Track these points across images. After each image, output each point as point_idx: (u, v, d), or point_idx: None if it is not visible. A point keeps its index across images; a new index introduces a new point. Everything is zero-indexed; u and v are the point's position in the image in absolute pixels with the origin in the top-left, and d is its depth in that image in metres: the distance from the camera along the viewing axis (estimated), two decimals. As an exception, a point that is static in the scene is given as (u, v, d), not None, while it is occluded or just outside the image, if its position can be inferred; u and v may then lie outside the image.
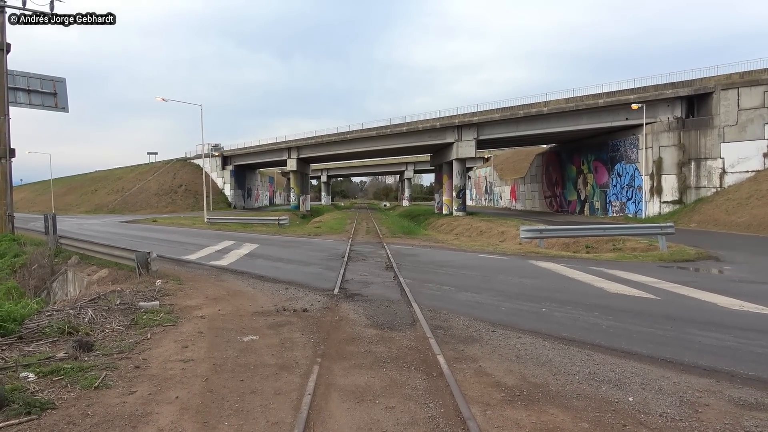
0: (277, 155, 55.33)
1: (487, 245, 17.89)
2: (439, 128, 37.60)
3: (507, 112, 33.83)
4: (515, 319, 7.04)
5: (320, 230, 26.12)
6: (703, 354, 5.45)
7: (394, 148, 43.96)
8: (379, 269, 11.90)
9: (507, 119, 33.81)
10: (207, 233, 23.98)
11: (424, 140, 39.44)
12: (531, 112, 32.60)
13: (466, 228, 26.85)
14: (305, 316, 7.23)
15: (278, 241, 20.06)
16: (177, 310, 7.58)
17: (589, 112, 30.92)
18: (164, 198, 59.80)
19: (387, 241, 19.60)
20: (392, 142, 42.09)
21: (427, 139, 39.11)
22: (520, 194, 52.01)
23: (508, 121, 34.05)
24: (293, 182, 56.03)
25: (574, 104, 31.01)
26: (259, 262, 13.36)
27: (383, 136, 42.39)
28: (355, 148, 46.09)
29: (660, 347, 5.69)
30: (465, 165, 38.49)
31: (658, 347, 5.69)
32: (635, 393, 4.46)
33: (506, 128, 34.45)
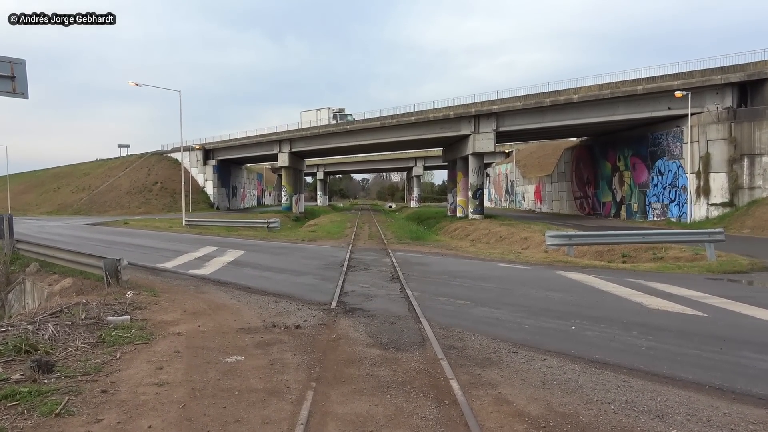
0: (267, 149, 55.54)
1: (508, 253, 17.84)
2: (453, 118, 37.62)
3: (531, 100, 33.81)
4: (540, 338, 7.01)
5: (316, 235, 26.15)
6: (758, 381, 5.40)
7: (401, 141, 44.01)
8: (384, 280, 11.89)
9: (531, 108, 33.79)
10: (186, 238, 24.05)
11: (435, 132, 39.46)
12: (559, 100, 32.55)
13: (484, 233, 26.81)
14: (298, 334, 7.22)
15: (267, 247, 20.09)
16: (151, 325, 7.59)
17: (626, 100, 30.83)
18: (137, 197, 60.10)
19: (392, 247, 19.60)
20: (399, 134, 42.14)
21: (438, 130, 39.14)
22: (545, 195, 51.91)
23: (532, 111, 34.03)
24: (285, 180, 56.22)
25: (608, 91, 30.93)
26: (246, 271, 13.39)
27: (389, 127, 42.45)
28: (357, 141, 46.19)
29: (708, 372, 5.65)
30: (483, 161, 38.47)
31: (706, 372, 5.65)
32: (679, 425, 4.42)
33: (530, 118, 34.42)
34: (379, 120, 43.32)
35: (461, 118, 37.20)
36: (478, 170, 37.51)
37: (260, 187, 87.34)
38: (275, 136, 53.90)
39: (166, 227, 31.16)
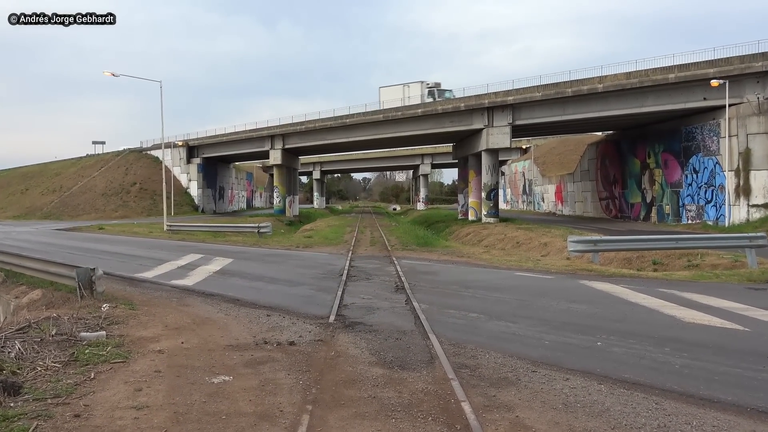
0: (258, 145, 55.69)
1: (526, 260, 17.83)
2: (464, 111, 37.66)
3: (551, 89, 33.81)
4: (562, 355, 7.01)
5: (312, 241, 26.17)
6: (807, 403, 5.37)
7: (407, 137, 44.05)
8: (387, 291, 11.90)
9: (551, 99, 33.78)
10: (167, 244, 24.12)
11: (444, 126, 39.51)
12: (582, 90, 32.54)
13: (499, 238, 26.80)
14: (292, 351, 7.22)
15: (258, 254, 20.12)
16: (128, 342, 7.60)
17: (657, 89, 30.80)
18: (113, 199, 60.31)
19: (397, 254, 19.62)
20: (404, 128, 42.20)
21: (448, 124, 39.18)
22: (567, 195, 51.85)
23: (552, 102, 34.02)
24: (277, 179, 56.37)
25: (637, 80, 30.90)
26: (234, 281, 13.41)
27: (392, 120, 42.52)
28: (357, 136, 46.27)
29: (750, 393, 5.62)
30: (497, 158, 38.49)
31: (748, 393, 5.62)
32: (719, 453, 4.39)
33: (550, 110, 34.42)
34: (381, 113, 43.39)
35: (473, 111, 37.23)
36: (492, 168, 37.52)
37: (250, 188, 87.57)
38: (266, 131, 54.06)
39: (146, 233, 31.24)
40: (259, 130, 55.08)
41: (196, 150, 64.13)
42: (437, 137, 46.80)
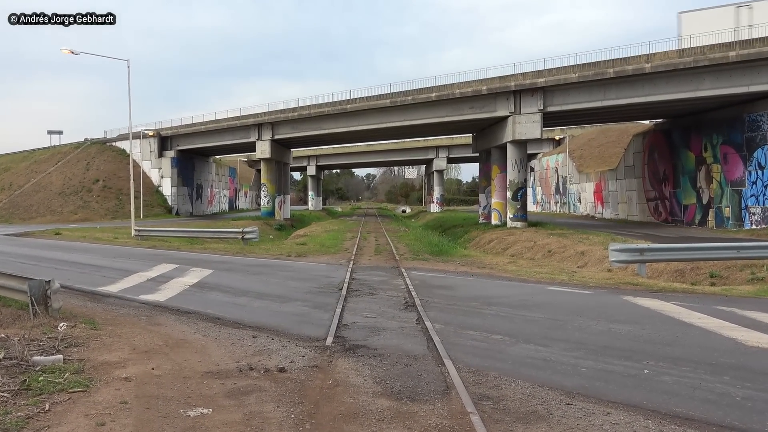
0: (242, 135, 55.88)
1: (560, 272, 17.80)
2: (486, 95, 37.66)
3: (589, 70, 33.75)
4: (602, 385, 6.99)
5: (306, 248, 26.21)
6: None
7: (418, 125, 44.03)
8: (395, 308, 11.92)
9: (589, 81, 33.71)
10: (136, 252, 24.23)
11: (462, 113, 39.52)
12: (626, 71, 32.46)
13: (527, 246, 26.76)
14: (282, 380, 7.23)
15: (242, 264, 20.18)
16: (90, 368, 7.63)
17: (715, 70, 30.68)
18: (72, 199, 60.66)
19: (406, 265, 19.64)
20: (415, 115, 42.22)
21: (467, 111, 39.19)
22: (609, 195, 51.72)
23: (591, 85, 33.95)
24: (265, 176, 56.52)
25: (691, 58, 30.82)
26: (214, 296, 13.46)
27: (401, 106, 42.57)
28: (359, 125, 46.35)
29: (827, 432, 5.58)
30: (525, 150, 38.41)
31: (825, 432, 5.58)
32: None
33: (588, 95, 34.35)
34: (389, 97, 43.43)
35: (497, 95, 37.21)
36: (520, 163, 37.47)
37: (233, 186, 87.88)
38: (253, 119, 54.23)
39: (110, 239, 31.37)
40: (244, 118, 55.28)
41: (169, 141, 64.42)
42: (454, 126, 46.69)
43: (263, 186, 56.91)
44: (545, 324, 10.33)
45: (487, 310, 11.60)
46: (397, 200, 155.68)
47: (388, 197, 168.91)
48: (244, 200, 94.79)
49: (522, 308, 11.81)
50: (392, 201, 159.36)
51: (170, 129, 63.90)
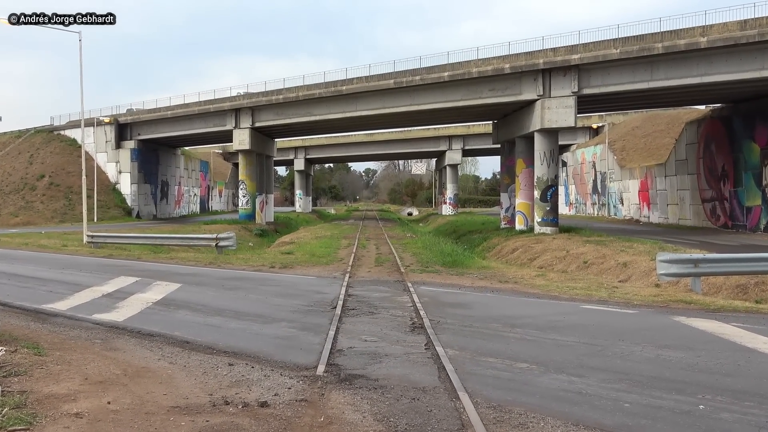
0: (217, 122, 55.96)
1: (597, 288, 17.76)
2: (509, 74, 37.66)
3: (633, 44, 33.72)
4: (648, 424, 6.95)
5: (293, 258, 26.20)
6: None
7: (428, 111, 44.04)
8: (400, 330, 11.91)
9: (633, 58, 33.68)
10: (88, 263, 24.19)
11: (481, 96, 39.52)
12: (677, 46, 32.43)
13: (559, 256, 26.72)
14: (264, 416, 7.21)
15: (216, 277, 20.18)
16: (34, 401, 7.61)
17: (785, 44, 30.65)
18: (13, 199, 60.72)
19: (413, 278, 19.62)
20: (423, 99, 42.23)
21: (486, 93, 39.20)
22: (656, 195, 51.68)
23: (635, 62, 33.91)
24: (244, 171, 56.53)
25: (755, 31, 30.77)
26: (182, 315, 13.44)
27: (407, 88, 42.56)
28: (357, 111, 46.40)
29: None
30: (556, 141, 38.37)
31: None
32: None
33: (632, 74, 34.31)
34: (392, 77, 43.44)
35: (522, 75, 37.20)
36: (549, 156, 37.43)
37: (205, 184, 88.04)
38: (229, 103, 54.29)
39: (58, 246, 31.36)
40: (219, 102, 55.32)
41: (129, 129, 64.50)
42: (471, 112, 46.69)
43: (241, 183, 56.95)
44: (580, 350, 10.30)
45: (510, 333, 11.57)
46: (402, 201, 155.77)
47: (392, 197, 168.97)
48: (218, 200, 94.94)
49: (552, 331, 11.78)
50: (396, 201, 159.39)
51: (130, 115, 64.04)
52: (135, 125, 63.98)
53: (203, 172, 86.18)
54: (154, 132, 62.77)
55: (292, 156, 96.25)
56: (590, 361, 9.54)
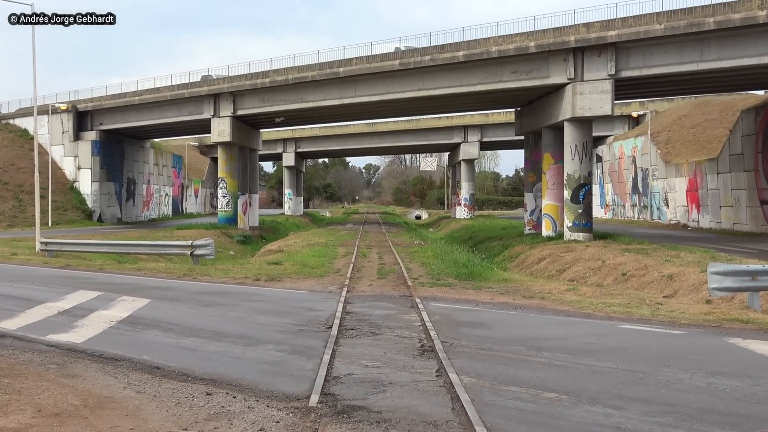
0: (192, 110, 55.99)
1: (638, 304, 17.72)
2: (535, 54, 37.62)
3: (680, 19, 33.67)
4: (699, 465, 6.91)
5: (281, 270, 26.18)
6: None
7: (439, 97, 44.03)
8: (407, 354, 11.89)
9: (681, 35, 33.62)
10: (42, 274, 24.17)
11: (502, 79, 39.46)
12: (731, 21, 32.36)
13: (593, 267, 26.69)
14: (247, 454, 7.18)
15: (192, 291, 20.18)
16: (-22, 437, 7.61)
17: None
18: (-45, 199, 60.69)
19: (423, 293, 19.61)
20: (434, 82, 42.20)
21: (508, 76, 39.13)
22: (707, 195, 51.56)
23: (681, 40, 33.86)
24: (224, 167, 56.51)
25: (824, 3, 30.74)
26: (152, 336, 13.44)
27: (415, 70, 42.51)
28: (356, 96, 46.41)
29: None
30: (590, 132, 38.28)
31: None
32: None
33: (678, 54, 34.24)
34: (397, 57, 43.45)
35: (550, 55, 37.17)
36: (582, 150, 37.34)
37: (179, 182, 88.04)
38: (207, 88, 54.30)
39: (7, 255, 31.32)
40: (195, 86, 55.34)
41: (90, 118, 64.45)
42: (490, 98, 46.66)
43: (221, 181, 56.96)
44: (618, 377, 10.27)
45: (536, 358, 11.54)
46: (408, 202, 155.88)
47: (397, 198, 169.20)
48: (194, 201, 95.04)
49: (586, 354, 11.76)
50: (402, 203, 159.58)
51: (92, 101, 63.88)
52: (97, 113, 63.96)
53: (176, 168, 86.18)
54: (119, 121, 62.70)
55: (281, 149, 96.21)
56: (630, 391, 9.51)
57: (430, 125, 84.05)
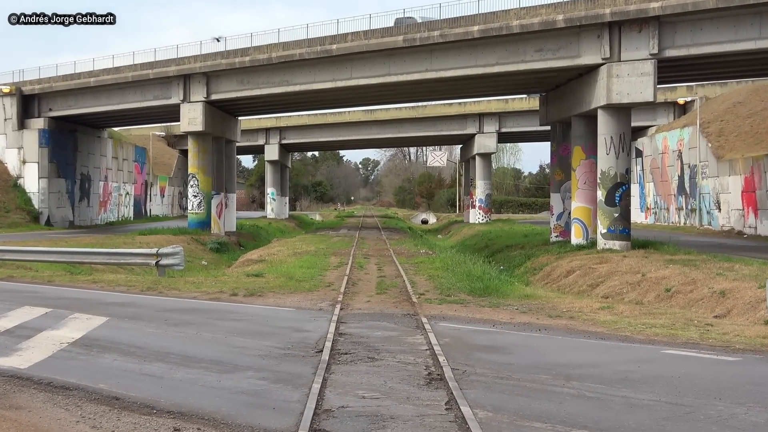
0: (158, 94, 55.92)
1: (685, 325, 17.71)
2: (564, 29, 37.58)
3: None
4: None
5: (262, 283, 26.17)
6: None
7: (450, 80, 44.01)
8: (411, 383, 11.89)
9: (735, 8, 33.56)
10: (-19, 287, 24.16)
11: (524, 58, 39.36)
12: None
13: (631, 281, 26.65)
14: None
15: (157, 308, 20.18)
16: None
17: None
18: None
19: (430, 311, 19.63)
20: (444, 63, 42.15)
21: (531, 55, 39.03)
22: (766, 197, 51.53)
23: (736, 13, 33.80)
24: (195, 162, 56.42)
25: None
26: (110, 360, 13.43)
27: (422, 48, 42.47)
28: (351, 78, 46.39)
29: None
30: (628, 122, 38.19)
31: None
32: None
33: (732, 30, 34.18)
34: (401, 32, 43.39)
35: (581, 30, 37.11)
36: (619, 143, 37.25)
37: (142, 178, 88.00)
38: (176, 67, 54.20)
39: (-61, 264, 31.36)
40: (162, 66, 55.23)
41: (37, 103, 64.32)
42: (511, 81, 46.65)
43: (192, 178, 56.82)
44: (661, 411, 10.26)
45: (564, 388, 11.53)
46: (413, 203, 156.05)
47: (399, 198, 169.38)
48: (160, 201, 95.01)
49: (623, 385, 11.74)
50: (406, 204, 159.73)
51: (39, 83, 63.76)
52: (45, 97, 63.85)
53: (139, 162, 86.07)
54: (71, 107, 62.52)
55: (263, 141, 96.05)
56: (675, 428, 9.51)
57: (440, 113, 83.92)
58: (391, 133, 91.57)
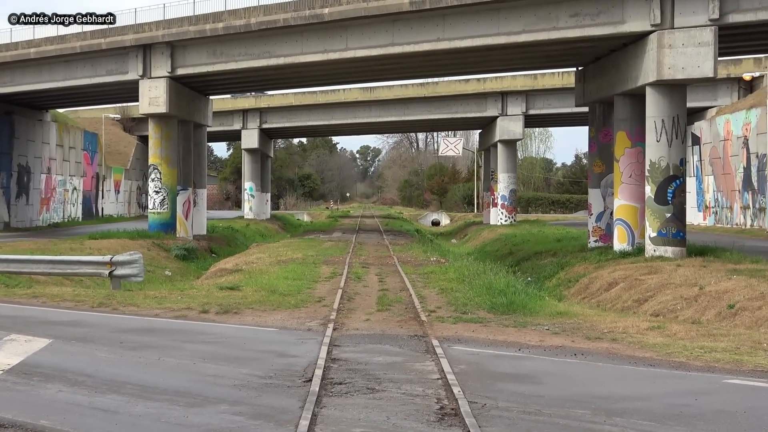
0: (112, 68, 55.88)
1: (752, 349, 17.71)
2: (604, -9, 37.61)
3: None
4: None
5: (239, 296, 26.23)
6: None
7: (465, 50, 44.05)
8: (419, 419, 11.91)
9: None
10: None
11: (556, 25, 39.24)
12: None
13: (687, 296, 26.64)
14: None
15: (111, 328, 20.22)
16: None
17: None
18: None
19: (442, 332, 19.67)
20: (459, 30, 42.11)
21: (565, 21, 38.92)
22: None
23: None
24: (157, 150, 56.44)
25: None
26: (54, 392, 13.44)
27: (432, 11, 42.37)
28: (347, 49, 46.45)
29: None
30: (684, 102, 38.05)
31: None
32: None
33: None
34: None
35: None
36: (672, 128, 37.13)
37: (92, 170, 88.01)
38: (134, 35, 53.98)
39: None
40: (117, 33, 55.10)
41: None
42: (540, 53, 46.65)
43: (153, 170, 56.84)
44: (724, 455, 10.27)
45: (605, 425, 11.54)
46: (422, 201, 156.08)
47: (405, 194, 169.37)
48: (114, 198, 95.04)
49: (676, 421, 11.74)
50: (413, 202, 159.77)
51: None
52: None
53: (89, 151, 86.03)
54: (7, 83, 62.26)
55: (239, 125, 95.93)
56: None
57: (454, 91, 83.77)
58: (394, 115, 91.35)
